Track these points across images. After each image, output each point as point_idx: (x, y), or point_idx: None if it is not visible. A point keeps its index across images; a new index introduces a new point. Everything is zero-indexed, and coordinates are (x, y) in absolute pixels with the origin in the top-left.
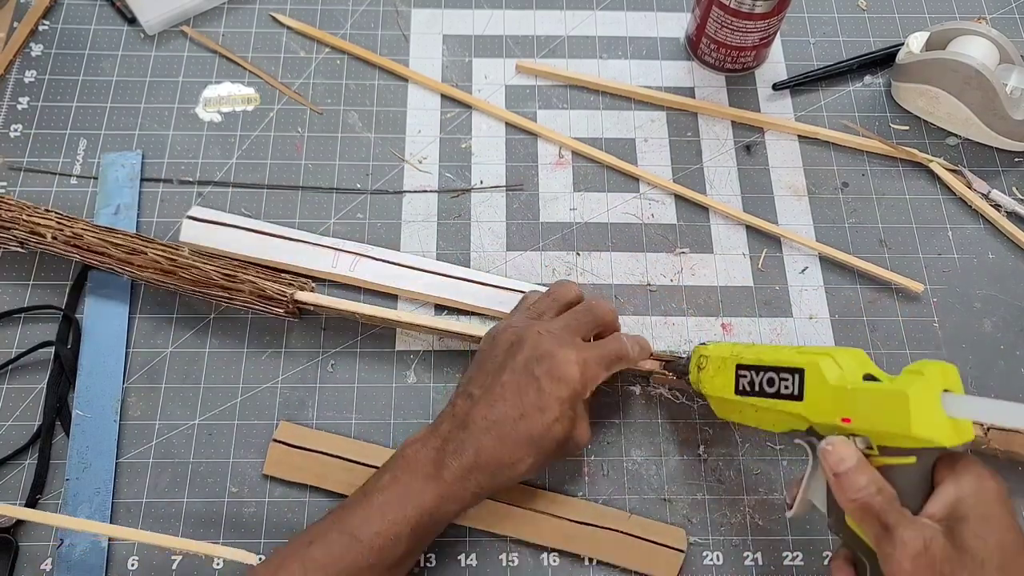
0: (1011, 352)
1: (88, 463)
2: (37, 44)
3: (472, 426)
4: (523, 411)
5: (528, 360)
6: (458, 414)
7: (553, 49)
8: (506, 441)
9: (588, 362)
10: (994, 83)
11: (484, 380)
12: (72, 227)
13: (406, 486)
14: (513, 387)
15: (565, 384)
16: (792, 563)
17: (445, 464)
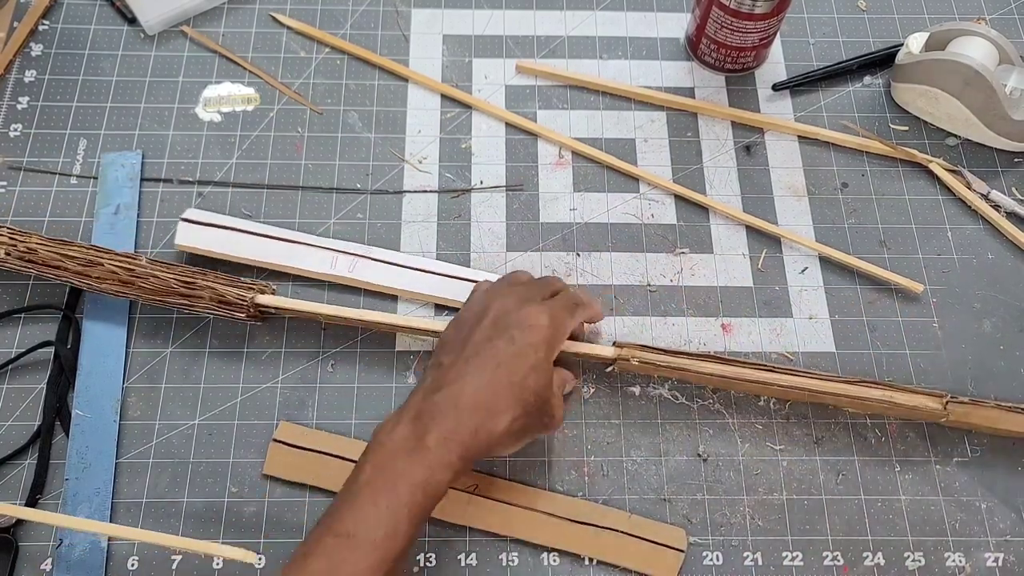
0: (1011, 352)
1: (88, 463)
2: (37, 44)
3: (447, 387)
4: (499, 360)
5: (496, 318)
6: (428, 385)
7: (553, 49)
8: (485, 388)
9: (553, 309)
10: (993, 84)
11: (452, 348)
12: (26, 242)
13: (390, 469)
14: (485, 344)
15: (536, 330)
16: (792, 563)
17: (425, 431)
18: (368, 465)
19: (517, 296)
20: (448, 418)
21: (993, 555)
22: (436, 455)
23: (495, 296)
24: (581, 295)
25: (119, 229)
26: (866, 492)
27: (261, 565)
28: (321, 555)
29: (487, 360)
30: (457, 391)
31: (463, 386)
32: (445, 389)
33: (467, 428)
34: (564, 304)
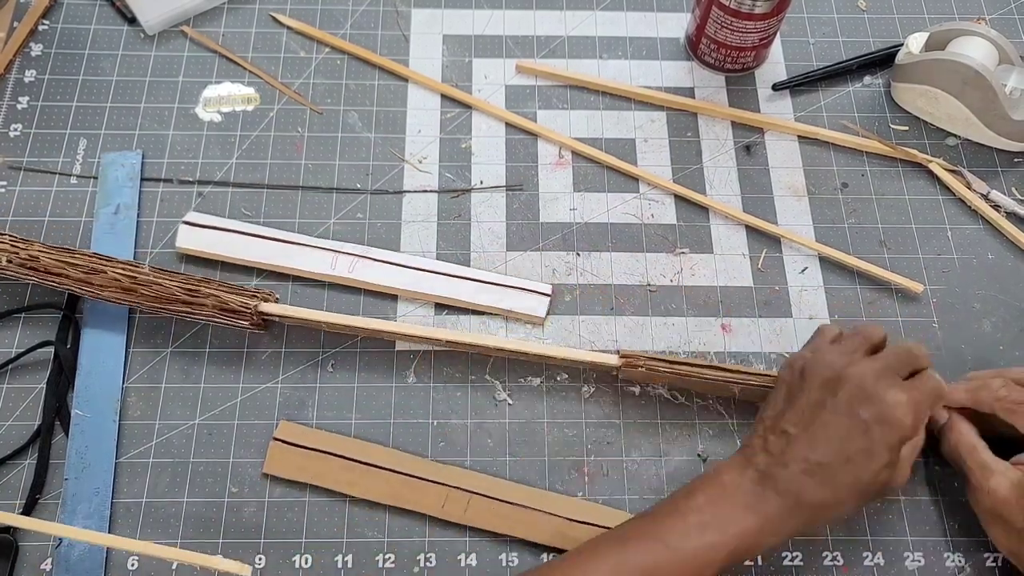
0: (1011, 352)
1: (87, 463)
2: (37, 44)
3: (792, 465)
4: (849, 456)
5: (852, 400)
6: (773, 450)
7: (553, 49)
8: (830, 485)
9: (919, 404)
10: (993, 84)
11: (799, 417)
12: (27, 249)
13: (725, 511)
14: (836, 428)
15: (896, 429)
16: (792, 563)
17: (766, 498)
18: (703, 496)
19: (879, 373)
20: (789, 497)
21: (992, 555)
22: (772, 524)
23: (856, 366)
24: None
25: (119, 229)
26: None
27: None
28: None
29: (835, 450)
30: (801, 483)
31: (808, 481)
32: (791, 468)
33: (806, 514)
34: (929, 396)
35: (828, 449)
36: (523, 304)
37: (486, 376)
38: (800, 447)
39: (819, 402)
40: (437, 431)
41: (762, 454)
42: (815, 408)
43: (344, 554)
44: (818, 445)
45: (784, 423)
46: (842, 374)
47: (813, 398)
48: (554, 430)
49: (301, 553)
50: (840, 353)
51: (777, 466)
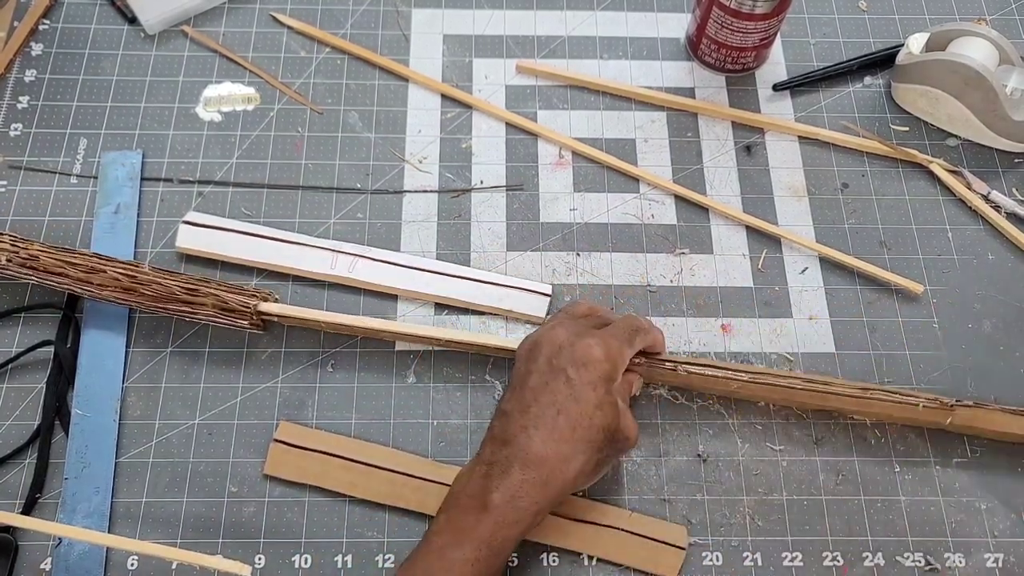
0: (1011, 352)
1: (87, 462)
2: (37, 43)
3: (513, 440)
4: (558, 406)
5: (549, 357)
6: (496, 434)
7: (553, 49)
8: (549, 441)
9: (608, 341)
10: (994, 84)
11: (513, 394)
12: (27, 248)
13: (459, 523)
14: (541, 387)
15: (592, 366)
16: (792, 563)
17: (491, 488)
18: (443, 515)
19: (568, 327)
20: (514, 475)
21: (993, 555)
22: (502, 512)
23: (548, 330)
24: (640, 321)
25: (119, 228)
26: (866, 492)
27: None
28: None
29: (546, 408)
30: (523, 446)
31: (528, 440)
32: (511, 444)
33: (535, 483)
34: (620, 333)
35: (539, 409)
36: (523, 304)
37: (486, 376)
38: (517, 419)
39: (525, 372)
40: (437, 431)
41: (488, 445)
42: (522, 379)
43: (344, 554)
44: (531, 409)
45: (503, 405)
46: (538, 339)
47: (521, 372)
48: None
49: (301, 553)
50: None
51: (500, 446)
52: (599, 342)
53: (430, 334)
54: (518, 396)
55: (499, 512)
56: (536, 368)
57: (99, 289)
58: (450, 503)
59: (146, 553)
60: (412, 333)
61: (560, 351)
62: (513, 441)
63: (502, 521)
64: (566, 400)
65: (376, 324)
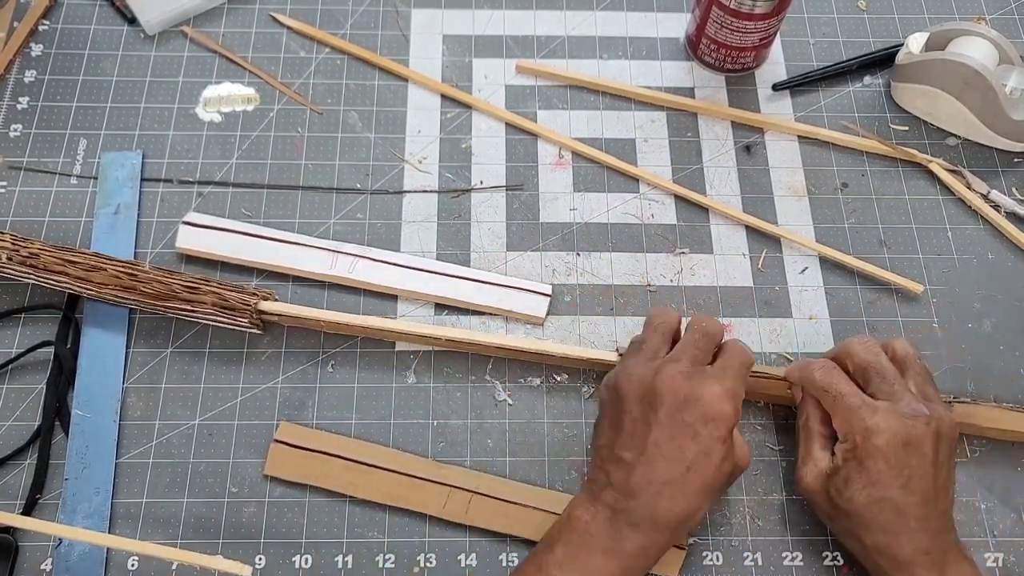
0: (1011, 352)
1: (87, 463)
2: (37, 44)
3: (640, 493)
4: (688, 464)
5: (672, 410)
6: (617, 483)
7: (553, 49)
8: (680, 498)
9: (734, 389)
10: (994, 84)
11: (630, 441)
12: (28, 247)
13: (587, 562)
14: (667, 442)
15: (721, 422)
16: (792, 563)
17: (624, 536)
18: (561, 549)
19: (687, 373)
20: (645, 527)
21: (993, 555)
22: (633, 559)
23: (662, 374)
24: (746, 353)
25: (119, 229)
26: None
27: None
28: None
29: (674, 464)
30: (653, 505)
31: (658, 501)
32: (638, 498)
33: (665, 535)
34: (739, 373)
35: (667, 466)
36: (523, 304)
37: (486, 376)
38: (642, 473)
39: (643, 421)
40: (437, 431)
41: (608, 489)
42: (642, 428)
43: (344, 554)
44: (657, 465)
45: (618, 450)
46: (654, 386)
47: (636, 418)
48: (554, 430)
49: (301, 553)
50: (645, 360)
51: (625, 499)
52: (727, 394)
53: (430, 333)
54: (638, 446)
55: (630, 559)
56: (658, 420)
57: (99, 288)
58: (571, 539)
59: (146, 554)
60: (412, 332)
61: (686, 405)
62: (639, 495)
63: (632, 567)
64: (696, 458)
65: (376, 323)
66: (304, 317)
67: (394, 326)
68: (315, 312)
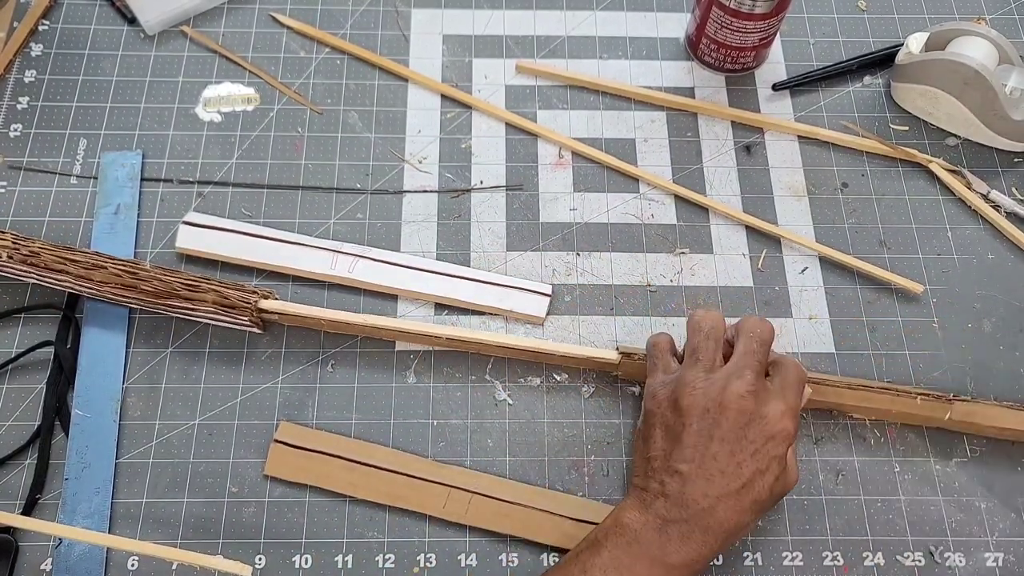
0: (1011, 352)
1: (87, 463)
2: (37, 44)
3: (694, 506)
4: (744, 480)
5: (736, 426)
6: (671, 494)
7: (553, 49)
8: (734, 512)
9: (795, 407)
10: (993, 84)
11: (689, 454)
12: (29, 246)
13: (631, 569)
14: (727, 457)
15: (782, 440)
16: (792, 563)
17: (671, 550)
18: (607, 553)
19: (753, 389)
20: (695, 540)
21: (993, 555)
22: (677, 572)
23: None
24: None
25: (119, 229)
26: (866, 492)
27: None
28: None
29: (732, 480)
30: (706, 516)
31: (712, 512)
32: (691, 508)
33: (715, 548)
34: (798, 391)
35: (724, 480)
36: (523, 304)
37: (486, 376)
38: (698, 485)
39: (705, 434)
40: (437, 431)
41: (661, 499)
42: (703, 442)
43: (344, 554)
44: (714, 478)
45: (675, 463)
46: (721, 402)
47: (697, 431)
48: (554, 430)
49: (301, 553)
50: (704, 372)
51: (678, 508)
52: (790, 412)
53: (430, 332)
54: (697, 459)
55: (675, 571)
56: (720, 436)
57: (99, 286)
58: (619, 544)
59: (146, 554)
60: (412, 330)
61: (751, 423)
62: (694, 507)
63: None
64: (753, 475)
65: (375, 321)
66: (304, 315)
67: (394, 324)
68: (315, 311)
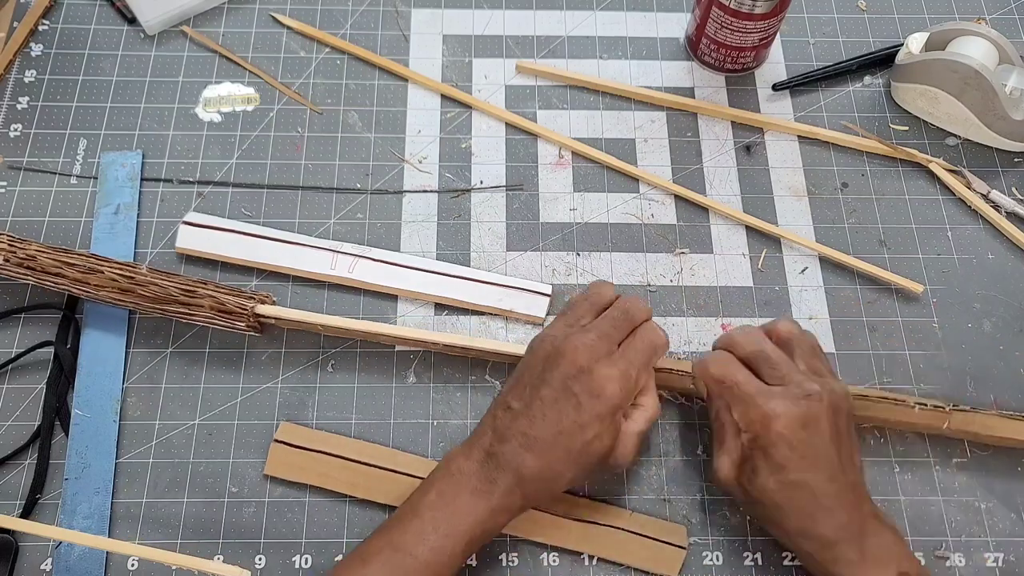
0: (1011, 352)
1: (87, 463)
2: (37, 44)
3: (512, 440)
4: (561, 428)
5: (565, 376)
6: (499, 427)
7: (553, 49)
8: (545, 458)
9: (628, 373)
10: (993, 84)
11: (523, 392)
12: (25, 249)
13: (456, 501)
14: (551, 403)
15: (604, 400)
16: (792, 563)
17: (493, 479)
18: (435, 489)
19: (592, 346)
20: (511, 472)
21: (993, 555)
22: (500, 501)
23: (571, 339)
24: (658, 334)
25: (119, 229)
26: None
27: None
28: (379, 564)
29: (551, 425)
30: (519, 458)
31: (525, 458)
32: (511, 443)
33: (529, 488)
34: (640, 358)
35: (543, 423)
36: (523, 304)
37: (486, 376)
38: (521, 422)
39: (540, 377)
40: (437, 431)
41: (490, 432)
42: (537, 383)
43: (344, 554)
44: (535, 419)
45: (510, 398)
46: (560, 348)
47: (536, 373)
48: None
49: (301, 553)
50: (565, 324)
51: (500, 442)
52: (620, 375)
53: (428, 338)
54: (527, 400)
55: (498, 500)
56: (549, 381)
57: (96, 290)
58: (445, 479)
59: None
60: (409, 337)
61: (579, 376)
62: (512, 442)
63: (499, 509)
64: (571, 426)
65: (373, 328)
66: (301, 321)
67: (391, 331)
68: (312, 316)
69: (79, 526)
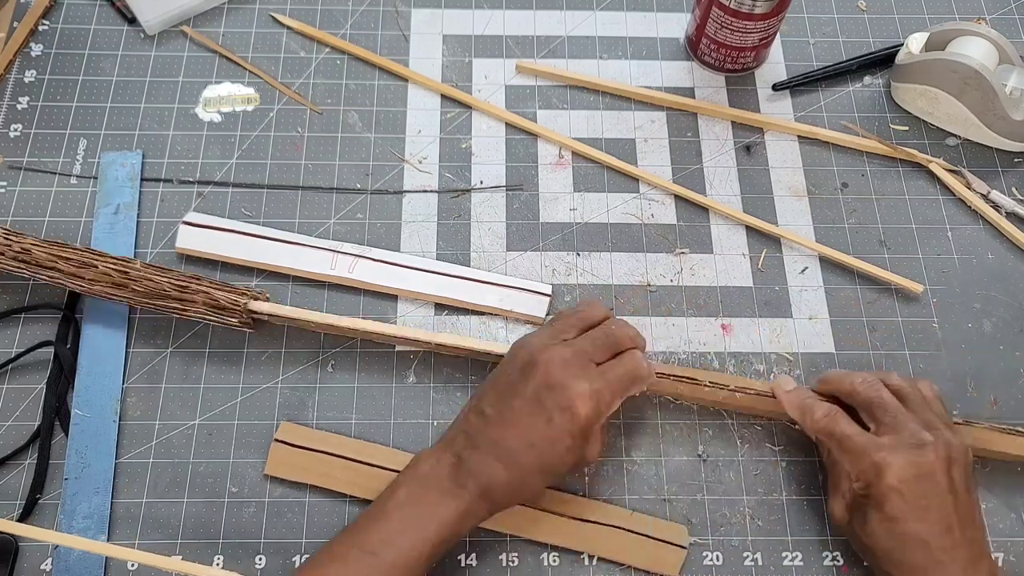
0: (1011, 352)
1: (87, 463)
2: (37, 44)
3: (483, 448)
4: (532, 441)
5: (539, 388)
6: (471, 432)
7: (553, 49)
8: (515, 469)
9: (601, 393)
10: (993, 84)
11: (496, 399)
12: (20, 243)
13: (425, 503)
14: (524, 414)
15: (575, 418)
16: (792, 563)
17: (462, 483)
18: (403, 490)
19: (568, 361)
20: (482, 479)
21: (993, 555)
22: (469, 506)
23: (548, 351)
24: (640, 366)
25: (119, 229)
26: None
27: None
28: (343, 565)
29: (522, 434)
30: (489, 466)
31: (496, 467)
32: (482, 451)
33: (498, 494)
34: (618, 382)
35: (514, 433)
36: (523, 304)
37: (486, 377)
38: (493, 430)
39: (514, 385)
40: (437, 431)
41: (461, 437)
42: (510, 392)
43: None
44: (507, 428)
45: (484, 403)
46: (536, 358)
47: (511, 380)
48: None
49: (302, 554)
50: (548, 336)
51: (471, 448)
52: (592, 395)
53: (426, 338)
54: (500, 407)
55: (467, 504)
56: (522, 392)
57: (90, 284)
58: (414, 480)
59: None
60: (407, 336)
61: (552, 389)
62: (483, 449)
63: (467, 512)
64: (542, 441)
65: (371, 327)
66: (295, 318)
67: (388, 330)
68: (306, 313)
69: (79, 526)
